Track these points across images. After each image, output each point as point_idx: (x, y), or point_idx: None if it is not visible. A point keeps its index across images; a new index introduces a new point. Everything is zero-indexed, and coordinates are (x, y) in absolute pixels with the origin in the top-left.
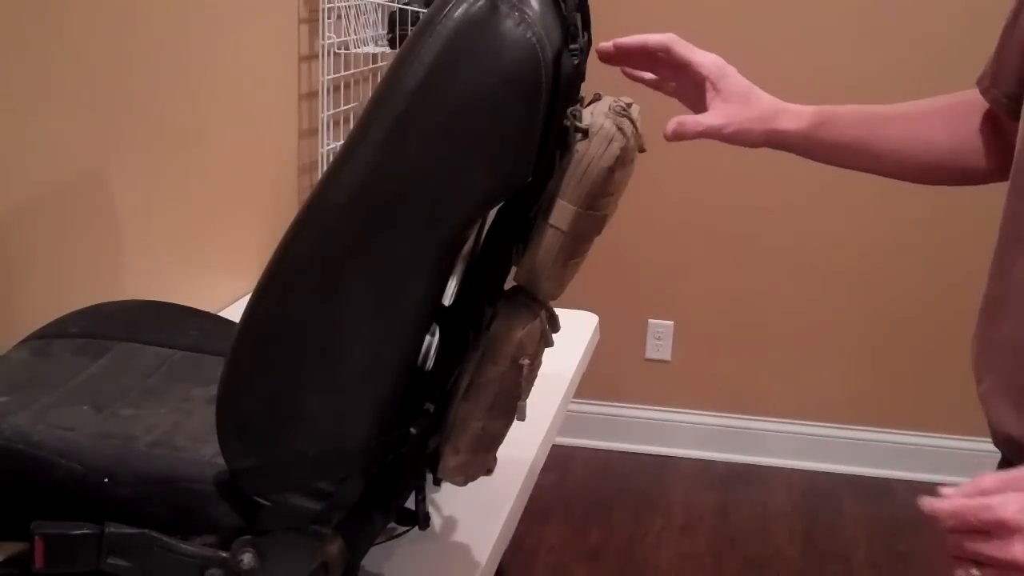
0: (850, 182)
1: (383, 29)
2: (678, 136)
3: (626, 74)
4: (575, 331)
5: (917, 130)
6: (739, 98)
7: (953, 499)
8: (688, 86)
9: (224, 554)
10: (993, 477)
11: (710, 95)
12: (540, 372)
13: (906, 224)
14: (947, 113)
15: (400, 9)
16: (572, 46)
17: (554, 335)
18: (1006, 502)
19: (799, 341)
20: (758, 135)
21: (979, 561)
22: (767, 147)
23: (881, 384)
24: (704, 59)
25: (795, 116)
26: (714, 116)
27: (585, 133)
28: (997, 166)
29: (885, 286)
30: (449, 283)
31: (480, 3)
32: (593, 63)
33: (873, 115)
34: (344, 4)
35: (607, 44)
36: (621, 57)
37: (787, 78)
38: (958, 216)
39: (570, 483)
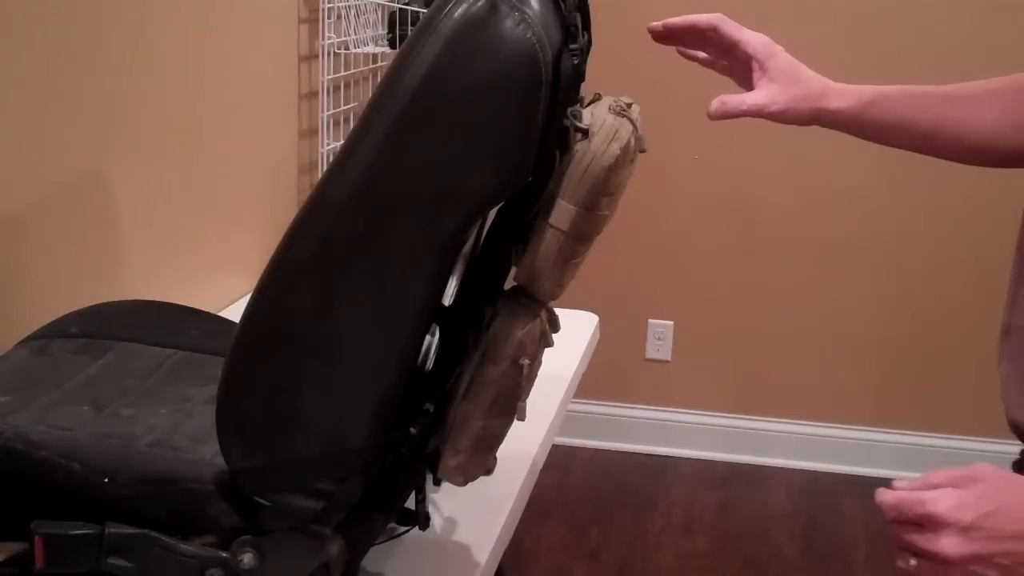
0: (850, 183)
1: (383, 29)
2: (721, 115)
3: (681, 53)
4: (575, 331)
5: (967, 110)
6: (786, 77)
7: (898, 492)
8: (738, 65)
9: (224, 554)
10: (942, 473)
11: (757, 74)
12: (540, 372)
13: (906, 228)
14: (1001, 95)
15: (400, 9)
16: (572, 46)
17: (554, 335)
18: (939, 497)
19: (799, 341)
20: (806, 113)
21: (916, 553)
22: (816, 124)
23: (881, 384)
24: (752, 38)
25: (842, 95)
26: (759, 95)
27: (585, 133)
28: None
29: (885, 287)
30: (449, 283)
31: (480, 3)
32: (593, 63)
33: (924, 94)
34: (344, 4)
35: (656, 24)
36: (671, 37)
37: None
38: (952, 222)
39: (570, 483)
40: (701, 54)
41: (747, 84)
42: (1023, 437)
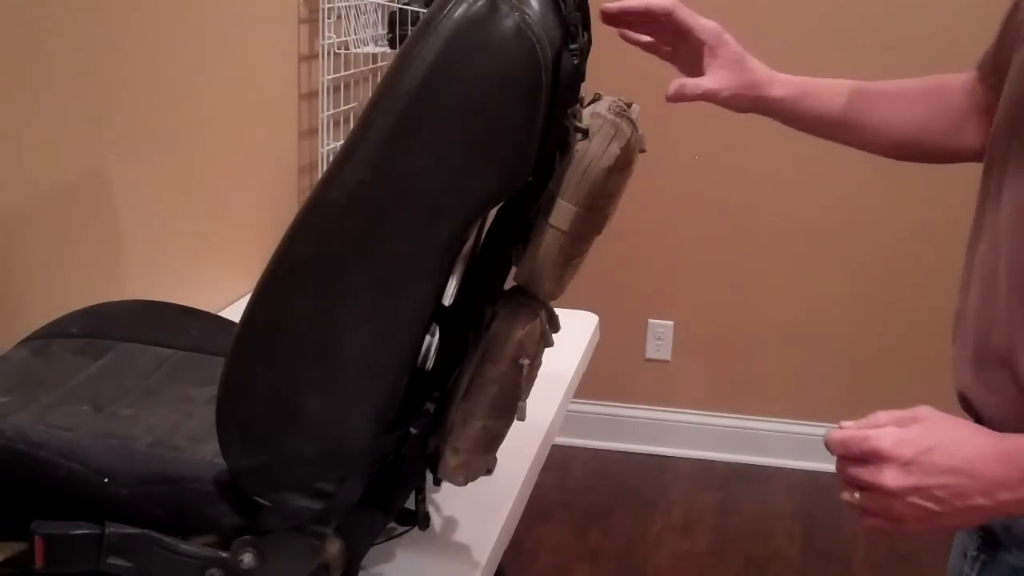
0: (853, 185)
1: (383, 29)
2: (679, 97)
3: (623, 36)
4: (575, 331)
5: (893, 107)
6: (734, 64)
7: (845, 431)
8: (684, 51)
9: (224, 554)
10: (886, 414)
11: (708, 60)
12: (540, 372)
13: (909, 230)
14: (914, 94)
15: (400, 9)
16: (572, 46)
17: (554, 335)
18: (883, 435)
19: (799, 341)
20: (748, 100)
21: (860, 486)
22: (754, 112)
23: (881, 384)
24: (705, 24)
25: (783, 84)
26: (712, 80)
27: (585, 133)
28: (978, 147)
29: (887, 288)
30: (449, 283)
31: (480, 3)
32: (593, 63)
33: (854, 89)
34: (344, 4)
35: (611, 6)
36: (622, 19)
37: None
38: (955, 224)
39: (570, 483)
40: (644, 38)
41: (690, 70)
42: (969, 408)
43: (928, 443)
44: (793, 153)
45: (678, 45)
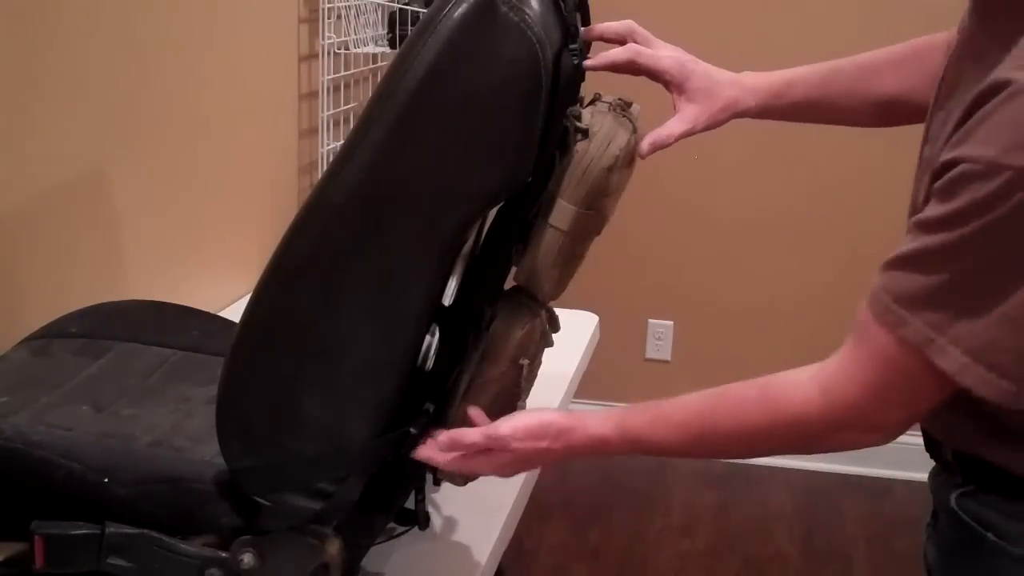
0: (854, 184)
1: (383, 29)
2: (652, 151)
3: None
4: (575, 331)
5: (876, 75)
6: (703, 94)
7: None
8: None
9: (224, 554)
10: (477, 433)
11: (675, 97)
12: (540, 372)
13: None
14: (913, 54)
15: (400, 9)
16: (572, 46)
17: (554, 335)
18: (480, 466)
19: (799, 341)
20: (724, 120)
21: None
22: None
23: None
24: (666, 64)
25: (754, 92)
26: (682, 121)
27: (585, 133)
28: None
29: None
30: (449, 283)
31: (480, 3)
32: None
33: (828, 70)
34: (344, 4)
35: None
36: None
37: None
38: None
39: (570, 483)
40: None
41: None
42: None
43: (521, 466)
44: (795, 153)
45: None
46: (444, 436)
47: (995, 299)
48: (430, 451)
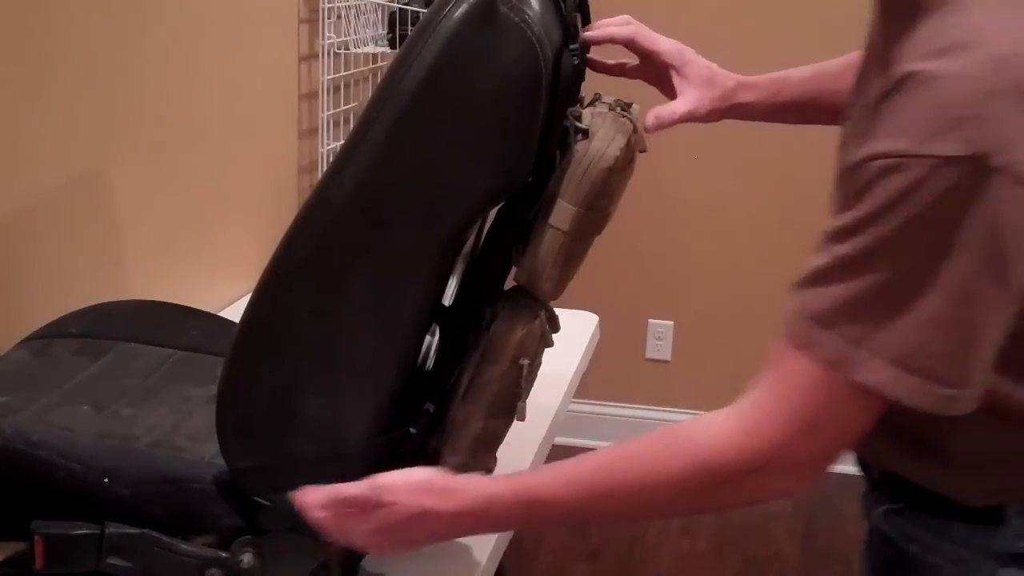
0: None
1: (383, 29)
2: (656, 127)
3: (590, 65)
4: (575, 331)
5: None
6: (703, 80)
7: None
8: (653, 72)
9: (224, 554)
10: (354, 492)
11: (676, 80)
12: (540, 372)
13: None
14: None
15: (400, 9)
16: (572, 46)
17: (554, 335)
18: (354, 532)
19: None
20: (723, 111)
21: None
22: (730, 118)
23: None
24: (666, 46)
25: (752, 88)
26: (685, 102)
27: (585, 133)
28: None
29: None
30: (449, 283)
31: (480, 3)
32: None
33: (821, 70)
34: (344, 4)
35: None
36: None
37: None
38: None
39: None
40: (609, 62)
41: (659, 84)
42: None
43: (393, 533)
44: (795, 153)
45: (646, 67)
46: (323, 492)
47: (918, 301)
48: (306, 500)
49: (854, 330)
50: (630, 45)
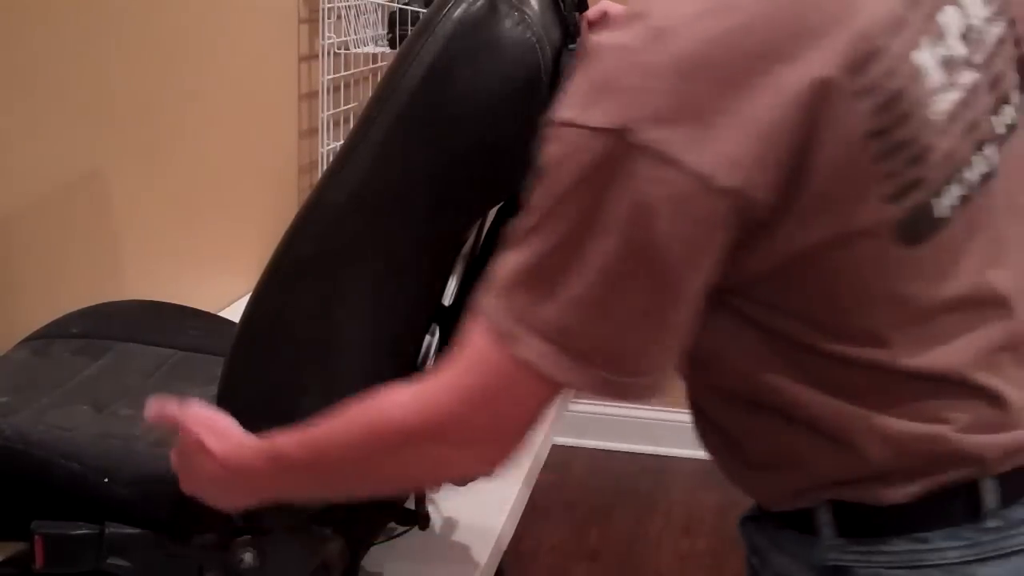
0: None
1: (383, 29)
2: None
3: None
4: None
5: None
6: None
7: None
8: None
9: (224, 554)
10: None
11: None
12: None
13: None
14: None
15: (400, 9)
16: (572, 46)
17: None
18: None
19: None
20: None
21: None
22: None
23: None
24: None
25: None
26: None
27: None
28: None
29: None
30: (449, 283)
31: (479, 3)
32: None
33: None
34: (344, 4)
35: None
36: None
37: None
38: None
39: (570, 483)
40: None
41: None
42: None
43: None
44: None
45: None
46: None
47: (567, 279)
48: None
49: (518, 303)
50: (602, 20)
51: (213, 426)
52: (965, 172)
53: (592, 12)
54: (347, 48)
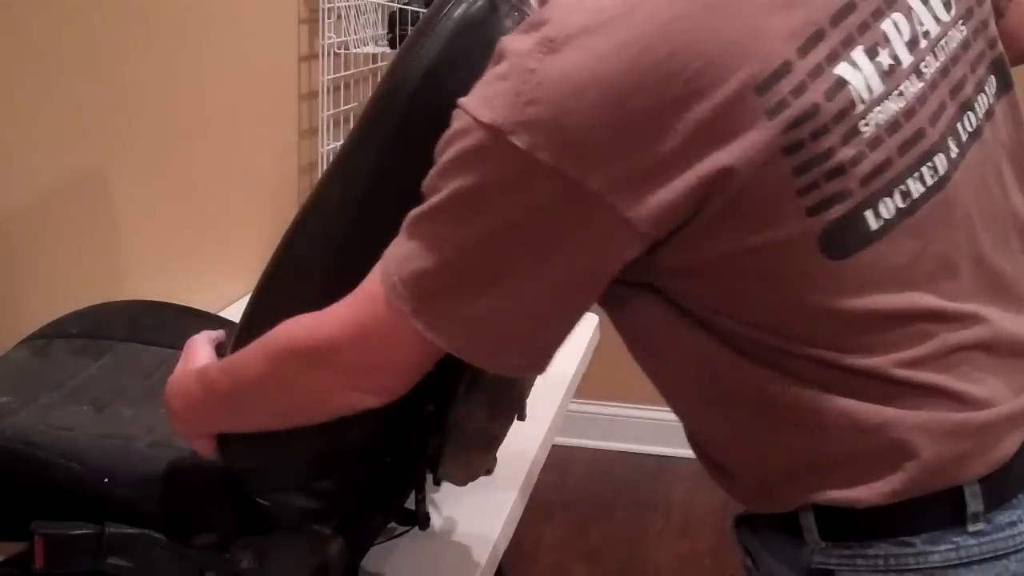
0: None
1: (383, 29)
2: None
3: None
4: (575, 331)
5: None
6: None
7: None
8: None
9: (224, 554)
10: None
11: None
12: None
13: None
14: None
15: (400, 9)
16: None
17: None
18: None
19: None
20: None
21: None
22: None
23: None
24: None
25: None
26: None
27: None
28: None
29: None
30: None
31: (479, 3)
32: None
33: None
34: (344, 4)
35: None
36: None
37: None
38: None
39: (570, 483)
40: None
41: None
42: None
43: None
44: None
45: None
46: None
47: (447, 252)
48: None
49: (405, 258)
50: None
51: (188, 351)
52: (907, 183)
53: None
54: (347, 48)
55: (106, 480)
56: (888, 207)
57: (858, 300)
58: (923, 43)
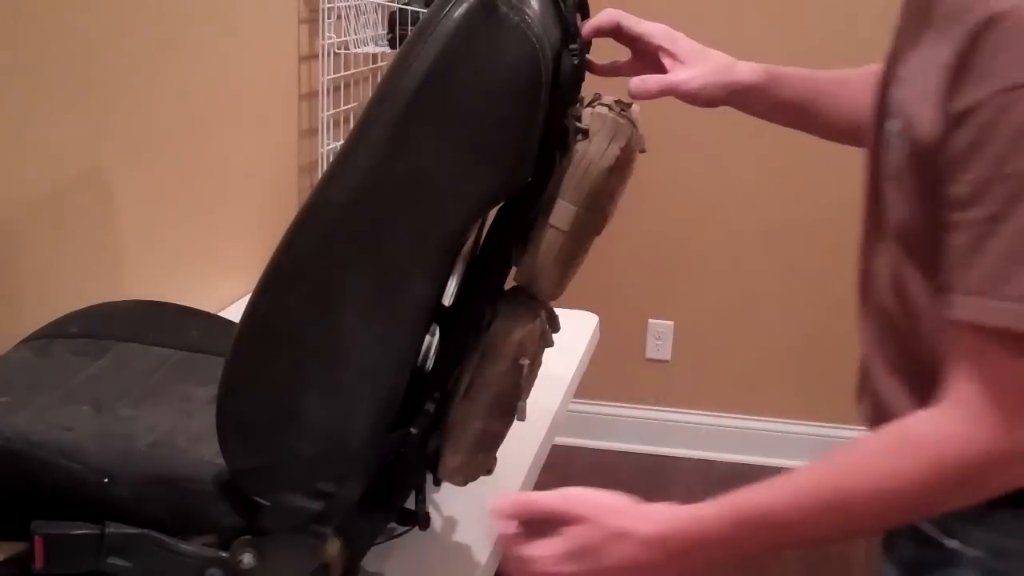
0: (852, 183)
1: (383, 29)
2: (642, 93)
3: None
4: (575, 331)
5: (851, 92)
6: (695, 56)
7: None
8: (642, 59)
9: (224, 554)
10: (548, 502)
11: (667, 60)
12: (540, 372)
13: None
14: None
15: (400, 9)
16: (572, 46)
17: (554, 335)
18: (537, 551)
19: (799, 340)
20: (719, 88)
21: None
22: (726, 103)
23: None
24: (652, 29)
25: (750, 70)
26: (675, 73)
27: (585, 133)
28: None
29: None
30: (449, 283)
31: (480, 3)
32: None
33: (814, 77)
34: (344, 4)
35: None
36: None
37: None
38: None
39: (570, 483)
40: (606, 63)
41: (655, 72)
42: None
43: (584, 556)
44: (796, 153)
45: (638, 57)
46: (512, 498)
47: None
48: (495, 507)
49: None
50: (616, 32)
51: (622, 506)
52: None
53: (602, 20)
54: (347, 48)
55: (106, 480)
56: None
57: None
58: None
